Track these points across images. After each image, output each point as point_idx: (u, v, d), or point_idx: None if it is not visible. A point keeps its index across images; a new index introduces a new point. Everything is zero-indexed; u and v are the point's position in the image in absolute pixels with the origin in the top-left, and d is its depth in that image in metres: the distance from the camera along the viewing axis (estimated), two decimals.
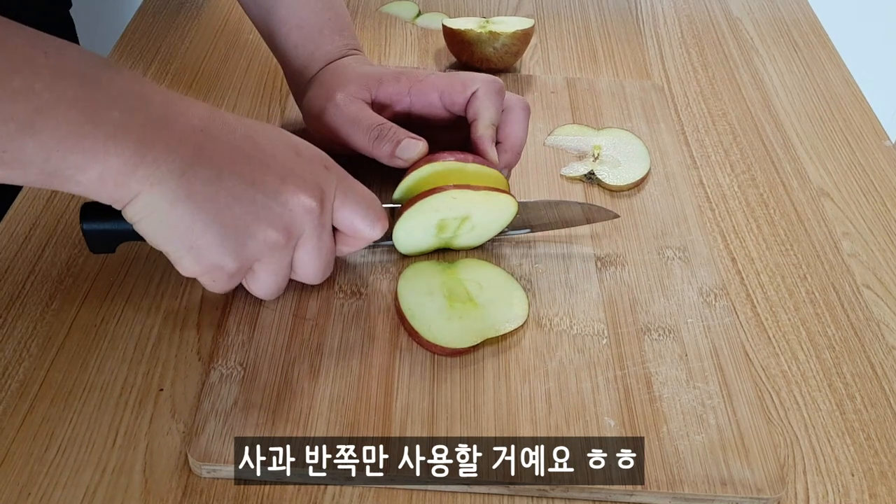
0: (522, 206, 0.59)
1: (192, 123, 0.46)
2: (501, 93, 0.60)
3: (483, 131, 0.58)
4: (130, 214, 0.46)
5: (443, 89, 0.60)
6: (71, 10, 0.92)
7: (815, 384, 0.55)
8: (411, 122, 0.61)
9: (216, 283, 0.50)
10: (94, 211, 0.51)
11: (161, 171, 0.44)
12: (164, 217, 0.45)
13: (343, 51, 0.65)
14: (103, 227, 0.52)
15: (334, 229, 0.52)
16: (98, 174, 0.43)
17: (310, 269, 0.52)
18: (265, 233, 0.48)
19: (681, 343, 0.55)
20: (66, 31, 0.92)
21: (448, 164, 0.56)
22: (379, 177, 0.66)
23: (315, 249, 0.51)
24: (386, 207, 0.55)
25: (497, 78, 0.60)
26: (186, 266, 0.48)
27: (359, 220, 0.51)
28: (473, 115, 0.59)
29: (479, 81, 0.60)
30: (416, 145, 0.57)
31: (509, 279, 0.57)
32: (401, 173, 0.58)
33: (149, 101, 0.44)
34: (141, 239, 0.48)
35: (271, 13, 0.66)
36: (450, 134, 0.62)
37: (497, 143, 0.60)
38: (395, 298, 0.55)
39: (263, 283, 0.51)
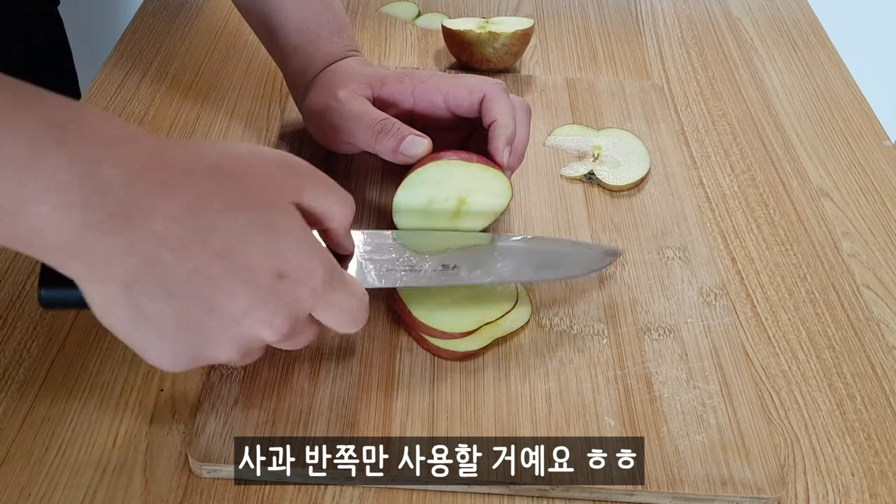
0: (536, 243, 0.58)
1: (151, 227, 0.38)
2: (507, 92, 0.60)
3: (500, 131, 0.57)
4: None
5: (447, 91, 0.60)
6: (59, 7, 0.92)
7: (816, 384, 0.55)
8: (413, 122, 0.61)
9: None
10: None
11: (101, 275, 0.38)
12: (103, 312, 0.40)
13: (343, 52, 0.65)
14: (63, 294, 0.44)
15: None
16: (40, 254, 0.38)
17: (297, 347, 0.47)
18: (215, 353, 0.42)
19: (681, 343, 0.55)
20: (55, 28, 0.92)
21: (452, 163, 0.56)
22: (379, 176, 0.66)
23: (288, 347, 0.46)
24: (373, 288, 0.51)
25: (499, 80, 0.60)
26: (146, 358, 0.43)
27: (334, 327, 0.46)
28: (490, 118, 0.58)
29: (484, 85, 0.59)
30: (420, 142, 0.57)
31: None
32: (402, 174, 0.58)
33: (101, 192, 0.36)
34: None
35: (269, 16, 0.66)
36: (450, 135, 0.62)
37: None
38: (392, 289, 0.55)
39: (242, 363, 0.48)
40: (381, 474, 0.47)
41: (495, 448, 0.48)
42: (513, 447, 0.48)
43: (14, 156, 0.34)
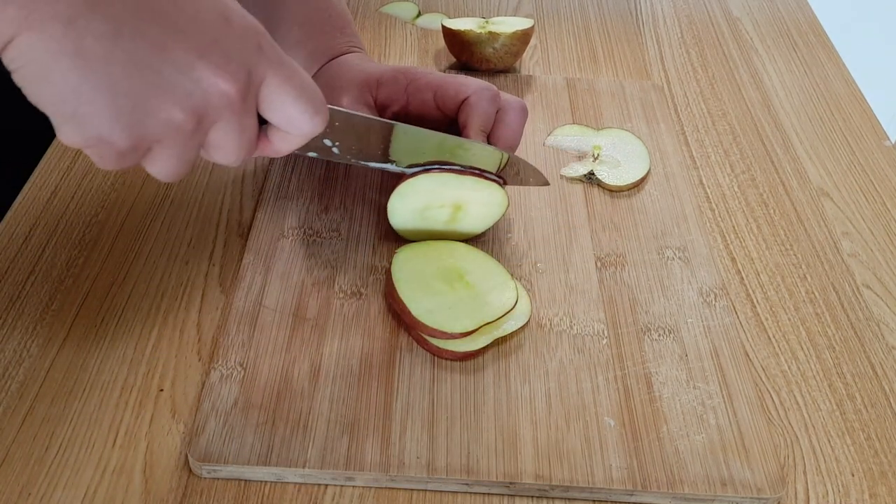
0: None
1: None
2: (494, 100, 0.59)
3: (473, 139, 0.58)
4: (7, 61, 0.37)
5: (436, 90, 0.60)
6: None
7: (815, 384, 0.55)
8: (409, 118, 0.61)
9: (104, 160, 0.40)
10: None
11: (41, 13, 0.35)
12: (43, 71, 0.36)
13: (344, 48, 0.65)
14: None
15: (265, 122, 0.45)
16: None
17: (227, 155, 0.43)
18: (169, 112, 0.39)
19: (681, 343, 0.55)
20: None
21: (444, 175, 0.56)
22: (379, 176, 0.66)
23: (234, 135, 0.42)
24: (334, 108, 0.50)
25: (491, 85, 0.60)
26: (67, 134, 0.39)
27: (294, 112, 0.43)
28: (464, 120, 0.58)
29: (471, 87, 0.59)
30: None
31: (497, 265, 0.57)
32: (400, 176, 0.58)
33: None
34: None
35: (271, 11, 0.66)
36: (446, 131, 0.62)
37: (491, 144, 0.60)
38: (391, 288, 0.55)
39: (164, 167, 0.42)
40: (381, 474, 0.47)
41: (495, 448, 0.48)
42: (513, 447, 0.48)
43: None
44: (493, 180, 0.57)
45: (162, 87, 0.38)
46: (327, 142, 0.53)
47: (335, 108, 0.52)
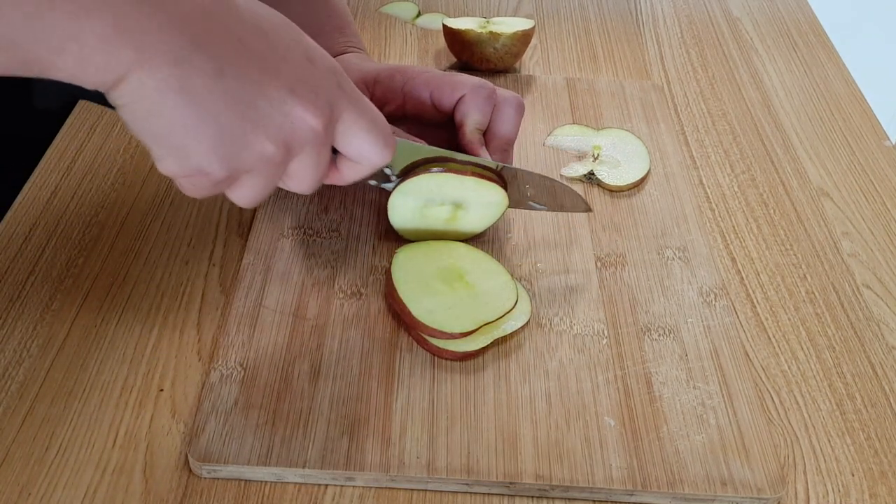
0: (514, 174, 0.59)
1: (195, 1, 0.39)
2: (490, 98, 0.59)
3: (469, 136, 0.58)
4: (115, 98, 0.40)
5: (433, 89, 0.60)
6: None
7: (816, 384, 0.55)
8: (406, 117, 0.61)
9: (196, 189, 0.44)
10: None
11: (152, 54, 0.38)
12: (150, 107, 0.39)
13: (343, 48, 0.65)
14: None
15: (336, 151, 0.48)
16: (76, 56, 0.37)
17: (302, 184, 0.47)
18: (263, 145, 0.42)
19: (681, 343, 0.55)
20: None
21: (445, 176, 0.56)
22: None
23: (312, 166, 0.45)
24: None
25: (487, 82, 0.60)
26: (168, 166, 0.42)
27: (367, 146, 0.46)
28: (460, 118, 0.59)
29: (467, 85, 0.59)
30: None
31: (497, 265, 0.57)
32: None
33: None
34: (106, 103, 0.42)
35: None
36: (442, 130, 0.62)
37: (487, 141, 0.60)
38: (391, 288, 0.55)
39: (247, 195, 0.46)
40: (381, 474, 0.47)
41: (495, 448, 0.48)
42: (513, 447, 0.48)
43: None
44: (493, 180, 0.57)
45: (258, 122, 0.41)
46: (387, 170, 0.56)
47: (406, 140, 0.55)
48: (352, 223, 0.62)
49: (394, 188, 0.57)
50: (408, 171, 0.57)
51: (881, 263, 0.64)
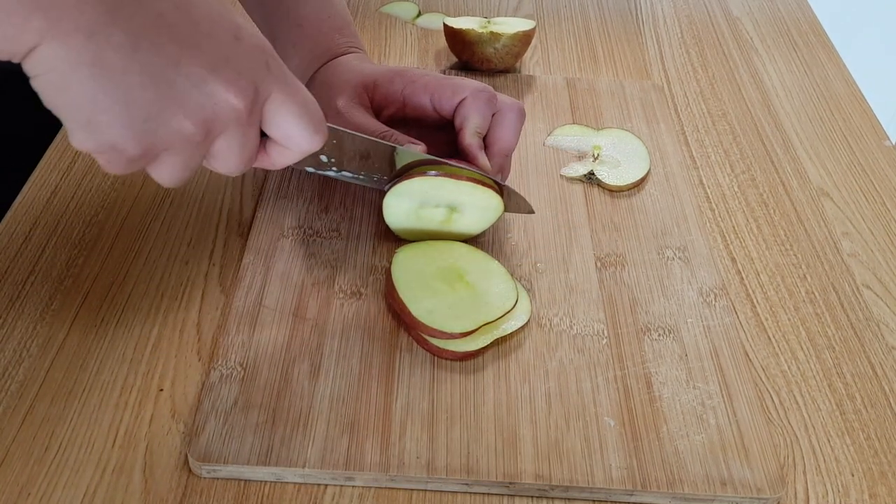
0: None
1: None
2: (490, 102, 0.59)
3: (469, 140, 0.58)
4: (28, 68, 0.38)
5: (433, 92, 0.60)
6: None
7: (815, 384, 0.55)
8: (406, 120, 0.61)
9: (111, 165, 0.42)
10: None
11: (64, 25, 0.37)
12: (63, 79, 0.38)
13: (343, 48, 0.65)
14: None
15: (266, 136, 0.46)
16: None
17: (227, 165, 0.45)
18: (180, 123, 0.40)
19: (681, 343, 0.55)
20: None
21: (441, 179, 0.56)
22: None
23: (237, 147, 0.43)
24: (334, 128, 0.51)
25: (488, 86, 0.60)
26: (80, 140, 0.40)
27: (295, 129, 0.44)
28: (460, 122, 0.58)
29: (468, 89, 0.59)
30: (414, 149, 0.57)
31: (497, 265, 0.57)
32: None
33: None
34: None
35: (271, 11, 0.66)
36: (443, 133, 0.62)
37: (487, 146, 0.60)
38: (391, 288, 0.55)
39: (169, 173, 0.44)
40: (380, 474, 0.47)
41: (495, 448, 0.48)
42: (513, 447, 0.48)
43: None
44: (490, 186, 0.57)
45: (175, 99, 0.40)
46: (323, 157, 0.54)
47: (334, 126, 0.53)
48: (352, 223, 0.62)
49: (346, 178, 0.57)
50: (401, 173, 0.57)
51: (881, 263, 0.64)
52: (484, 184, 0.56)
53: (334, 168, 0.56)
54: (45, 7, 0.36)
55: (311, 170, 0.56)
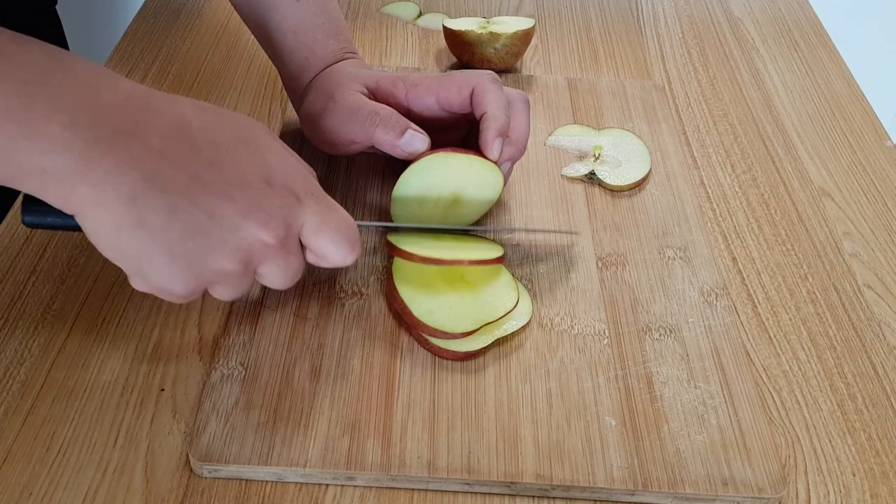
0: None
1: (149, 143, 0.42)
2: (498, 82, 0.59)
3: (490, 123, 0.57)
4: (79, 222, 0.43)
5: (438, 92, 0.60)
6: (57, 7, 0.92)
7: (817, 384, 0.55)
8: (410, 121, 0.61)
9: (170, 299, 0.47)
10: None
11: (107, 193, 0.41)
12: (109, 238, 0.43)
13: (339, 55, 0.65)
14: (45, 220, 0.47)
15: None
16: (38, 185, 0.41)
17: (275, 284, 0.49)
18: (220, 264, 0.45)
19: (682, 343, 0.55)
20: (52, 27, 0.92)
21: (449, 155, 0.56)
22: (380, 176, 0.66)
23: (280, 272, 0.48)
24: (364, 225, 0.55)
25: (489, 70, 0.60)
26: (136, 284, 0.45)
27: (331, 251, 0.49)
28: (479, 110, 0.58)
29: (473, 78, 0.59)
30: (420, 138, 0.57)
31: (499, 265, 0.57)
32: (401, 171, 0.58)
33: (102, 113, 0.41)
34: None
35: (266, 18, 0.66)
36: (448, 135, 0.62)
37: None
38: (392, 288, 0.55)
39: (222, 296, 0.48)
40: (381, 474, 0.47)
41: (496, 448, 0.48)
42: (514, 447, 0.48)
43: (16, 87, 0.39)
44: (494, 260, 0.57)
45: (213, 246, 0.44)
46: None
47: (368, 223, 0.59)
48: None
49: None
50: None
51: (882, 263, 0.64)
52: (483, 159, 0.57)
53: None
54: (90, 178, 0.41)
55: None
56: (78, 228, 0.44)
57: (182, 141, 0.44)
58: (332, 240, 0.48)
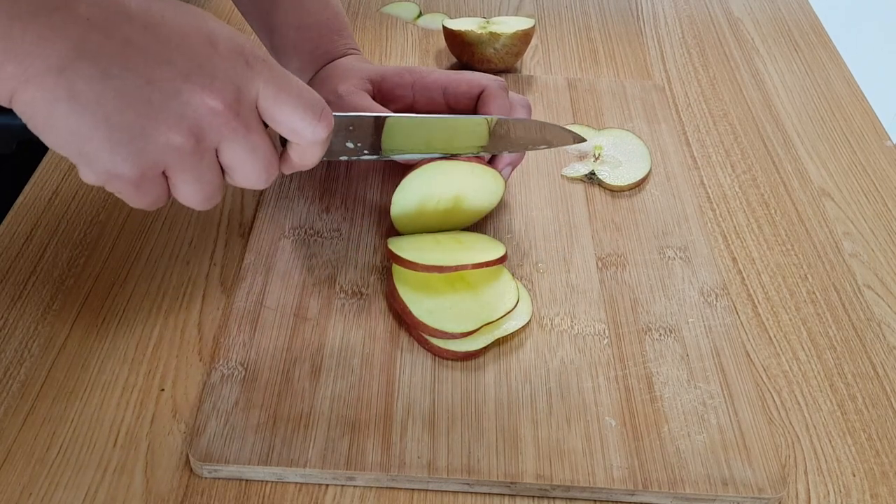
0: (502, 123, 0.57)
1: (75, 11, 0.39)
2: (506, 90, 0.60)
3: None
4: (18, 113, 0.40)
5: (446, 86, 0.60)
6: None
7: (817, 384, 0.55)
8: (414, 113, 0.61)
9: (124, 194, 0.44)
10: None
11: (35, 67, 0.38)
12: (45, 118, 0.40)
13: (341, 51, 0.65)
14: None
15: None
16: None
17: (245, 174, 0.45)
18: (165, 136, 0.41)
19: (682, 343, 0.55)
20: None
21: (450, 163, 0.56)
22: (380, 177, 0.66)
23: (244, 154, 0.44)
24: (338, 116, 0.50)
25: (499, 78, 0.60)
26: (83, 174, 0.42)
27: (295, 119, 0.44)
28: (486, 113, 0.58)
29: (483, 81, 0.60)
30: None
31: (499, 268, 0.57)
32: (402, 174, 0.58)
33: None
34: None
35: (268, 15, 0.66)
36: None
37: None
38: (392, 288, 0.55)
39: (187, 192, 0.45)
40: (381, 474, 0.47)
41: (496, 448, 0.48)
42: (513, 447, 0.48)
43: None
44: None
45: (153, 115, 0.41)
46: (350, 144, 0.53)
47: (345, 114, 0.52)
48: (353, 223, 0.62)
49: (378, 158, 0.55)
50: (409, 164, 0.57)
51: (882, 264, 0.64)
52: (491, 165, 0.57)
53: (367, 152, 0.54)
54: (14, 53, 0.38)
55: (344, 158, 0.54)
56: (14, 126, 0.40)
57: (111, 7, 0.40)
58: (295, 106, 0.44)
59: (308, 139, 0.45)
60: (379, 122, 0.54)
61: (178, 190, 0.44)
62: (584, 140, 0.59)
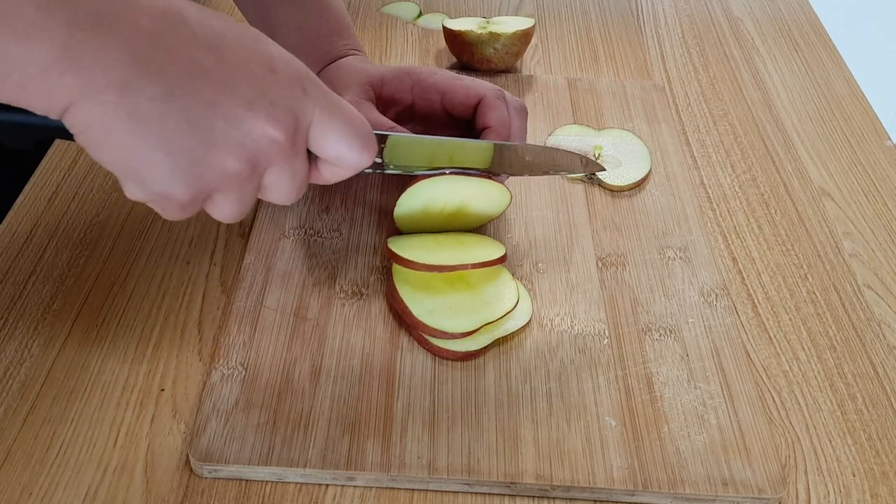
0: (510, 149, 0.57)
1: (139, 23, 0.38)
2: (504, 99, 0.60)
3: (494, 139, 0.57)
4: (68, 126, 0.39)
5: (444, 91, 0.60)
6: None
7: (817, 384, 0.55)
8: (414, 118, 0.61)
9: (167, 212, 0.43)
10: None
11: (96, 82, 0.37)
12: (101, 135, 0.38)
13: (343, 51, 0.65)
14: (16, 119, 0.42)
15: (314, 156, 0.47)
16: (17, 83, 0.36)
17: (280, 194, 0.45)
18: (224, 163, 0.41)
19: (682, 343, 0.55)
20: None
21: (454, 178, 0.56)
22: (381, 177, 0.66)
23: (287, 177, 0.44)
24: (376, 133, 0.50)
25: (499, 89, 0.60)
26: (131, 191, 0.41)
27: (343, 149, 0.44)
28: (484, 123, 0.58)
29: (481, 90, 0.59)
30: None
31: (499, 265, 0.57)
32: (403, 177, 0.58)
33: None
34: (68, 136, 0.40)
35: (269, 16, 0.66)
36: (450, 131, 0.62)
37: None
38: (392, 288, 0.55)
39: (225, 211, 0.44)
40: (381, 474, 0.47)
41: (496, 448, 0.48)
42: (513, 447, 0.48)
43: None
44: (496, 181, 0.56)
45: (215, 142, 0.40)
46: (377, 159, 0.53)
47: (380, 131, 0.52)
48: (353, 223, 0.62)
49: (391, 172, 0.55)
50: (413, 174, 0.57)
51: (882, 263, 0.64)
52: (494, 178, 0.57)
53: (393, 166, 0.54)
54: (76, 65, 0.36)
55: (368, 171, 0.53)
56: (45, 127, 0.39)
57: (175, 22, 0.39)
58: (345, 136, 0.44)
59: (352, 167, 0.46)
60: (383, 138, 0.54)
61: (217, 208, 0.44)
62: (602, 169, 0.60)
